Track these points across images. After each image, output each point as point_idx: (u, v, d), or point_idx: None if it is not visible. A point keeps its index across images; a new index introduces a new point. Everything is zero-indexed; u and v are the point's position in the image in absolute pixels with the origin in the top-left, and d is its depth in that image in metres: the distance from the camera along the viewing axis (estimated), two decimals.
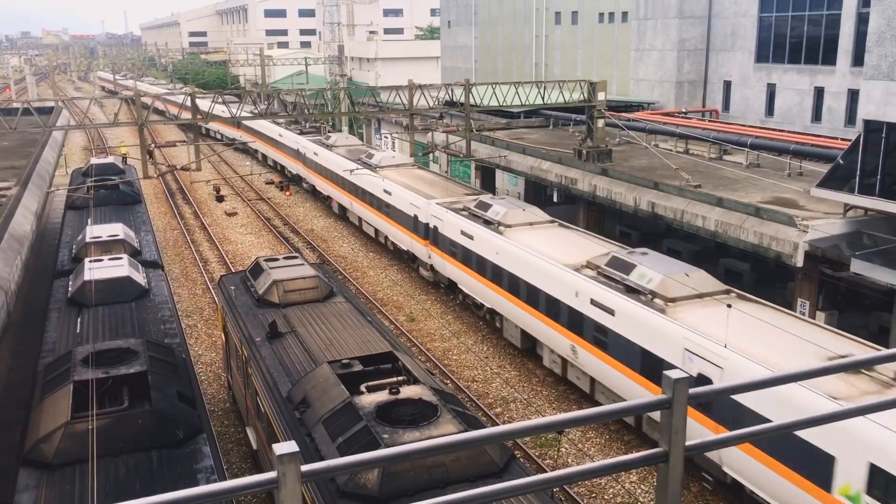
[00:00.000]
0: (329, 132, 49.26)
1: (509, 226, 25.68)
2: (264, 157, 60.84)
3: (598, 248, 22.84)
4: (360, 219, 39.05)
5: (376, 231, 36.60)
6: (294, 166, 50.18)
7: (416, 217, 30.48)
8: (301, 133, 50.18)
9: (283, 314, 17.97)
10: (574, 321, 20.77)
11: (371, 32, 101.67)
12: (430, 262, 30.16)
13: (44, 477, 11.30)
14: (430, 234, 29.32)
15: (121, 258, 20.41)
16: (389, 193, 33.22)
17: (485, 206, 27.21)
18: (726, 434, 3.57)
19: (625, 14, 44.57)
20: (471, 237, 26.24)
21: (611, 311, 19.29)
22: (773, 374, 3.64)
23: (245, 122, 57.49)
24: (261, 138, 57.86)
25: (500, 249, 24.61)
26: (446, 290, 30.06)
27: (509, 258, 24.08)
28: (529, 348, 24.54)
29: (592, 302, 20.05)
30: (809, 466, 13.76)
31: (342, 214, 42.70)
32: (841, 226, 20.48)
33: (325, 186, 43.66)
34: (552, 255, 22.58)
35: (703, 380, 16.00)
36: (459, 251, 27.15)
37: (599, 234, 27.55)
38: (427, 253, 30.04)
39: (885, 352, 3.87)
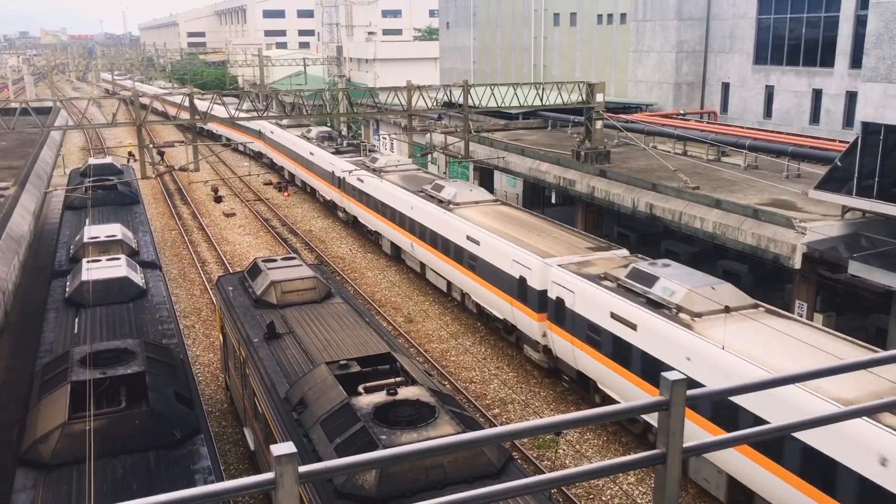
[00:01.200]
0: (371, 150, 42.88)
1: (698, 315, 17.48)
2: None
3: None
4: (422, 264, 31.72)
5: (449, 284, 29.51)
6: (328, 191, 42.37)
7: (522, 280, 23.04)
8: (337, 152, 43.00)
9: (281, 315, 17.96)
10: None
11: (370, 33, 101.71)
12: (548, 343, 22.58)
13: (41, 477, 11.29)
14: (551, 309, 21.96)
15: (119, 258, 20.40)
16: (477, 243, 25.76)
17: (647, 279, 19.18)
18: (724, 435, 3.57)
19: (623, 15, 44.61)
20: (633, 326, 18.51)
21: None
22: (773, 376, 3.63)
23: (266, 135, 55.30)
24: (285, 153, 51.72)
25: (699, 358, 16.49)
26: (571, 383, 22.39)
27: (730, 378, 15.50)
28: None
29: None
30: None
31: (395, 255, 35.13)
32: (839, 228, 20.50)
33: (373, 220, 35.80)
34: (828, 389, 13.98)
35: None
36: (608, 342, 19.37)
37: (597, 235, 27.54)
38: (541, 330, 22.64)
39: (885, 353, 3.87)
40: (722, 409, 15.73)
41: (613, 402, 19.47)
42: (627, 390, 18.94)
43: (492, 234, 25.34)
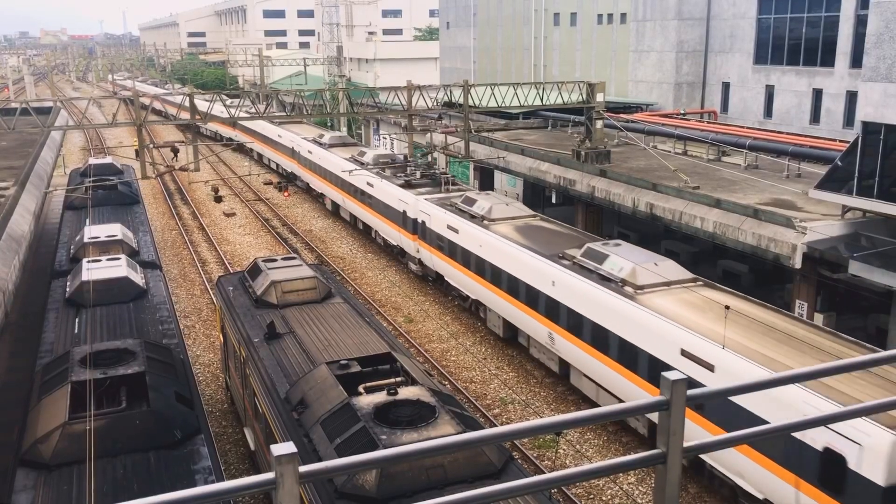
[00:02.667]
0: (451, 182, 32.85)
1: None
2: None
3: None
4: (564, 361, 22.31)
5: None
6: (396, 235, 32.92)
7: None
8: (408, 185, 32.91)
9: (282, 315, 17.96)
10: None
11: (370, 33, 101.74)
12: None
13: (41, 477, 11.29)
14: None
15: (119, 258, 20.40)
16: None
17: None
18: (724, 435, 3.57)
19: (623, 15, 44.60)
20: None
21: None
22: (773, 376, 3.64)
23: (302, 154, 46.97)
24: (328, 179, 42.06)
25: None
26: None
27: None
28: None
29: None
30: None
31: (511, 337, 25.65)
32: (839, 227, 20.49)
33: (490, 296, 25.70)
34: None
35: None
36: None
37: (598, 235, 27.54)
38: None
39: (885, 353, 3.87)
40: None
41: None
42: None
43: None
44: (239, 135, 62.19)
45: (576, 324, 20.80)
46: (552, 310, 21.85)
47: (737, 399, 14.76)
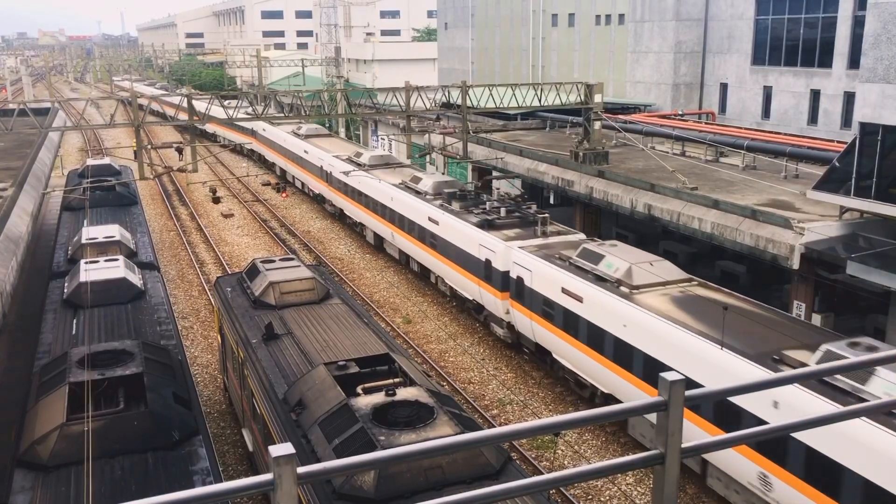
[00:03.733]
0: (567, 234, 25.55)
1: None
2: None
3: None
4: None
5: None
6: (472, 286, 26.48)
7: None
8: (489, 225, 26.04)
9: (280, 316, 17.95)
10: None
11: (368, 34, 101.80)
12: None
13: (39, 478, 11.27)
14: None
15: (117, 259, 20.38)
16: None
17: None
18: (723, 436, 3.57)
19: (621, 16, 44.62)
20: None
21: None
22: (772, 377, 3.64)
23: (334, 175, 40.24)
24: (372, 210, 35.49)
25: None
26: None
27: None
28: None
29: None
30: None
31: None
32: (837, 228, 20.51)
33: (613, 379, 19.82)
34: None
35: None
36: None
37: (596, 236, 27.56)
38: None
39: (886, 353, 3.87)
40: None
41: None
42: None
43: None
44: (258, 146, 58.07)
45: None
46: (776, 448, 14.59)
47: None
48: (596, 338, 19.71)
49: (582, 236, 25.28)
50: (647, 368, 17.93)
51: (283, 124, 52.40)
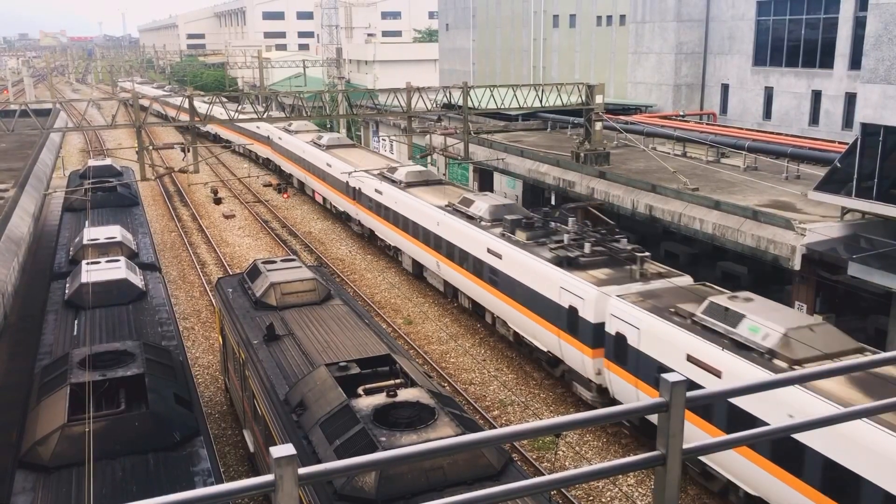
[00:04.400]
0: (670, 276, 20.92)
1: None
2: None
3: None
4: None
5: None
6: (552, 338, 22.03)
7: None
8: (571, 265, 21.66)
9: (281, 316, 17.95)
10: None
11: (369, 35, 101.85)
12: None
13: (40, 479, 11.28)
14: None
15: (118, 260, 20.40)
16: None
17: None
18: (724, 437, 3.57)
19: (622, 17, 44.62)
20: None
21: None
22: (772, 378, 3.63)
23: (364, 193, 35.68)
24: (414, 236, 31.02)
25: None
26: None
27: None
28: None
29: None
30: None
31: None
32: (838, 229, 20.50)
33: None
34: None
35: None
36: None
37: None
38: None
39: (886, 354, 3.87)
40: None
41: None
42: None
43: None
44: (273, 154, 54.55)
45: None
46: None
47: None
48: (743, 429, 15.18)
49: (689, 280, 20.82)
50: (831, 476, 13.69)
51: (301, 133, 49.53)
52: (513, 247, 23.78)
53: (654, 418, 3.38)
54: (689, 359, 16.77)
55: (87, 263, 19.93)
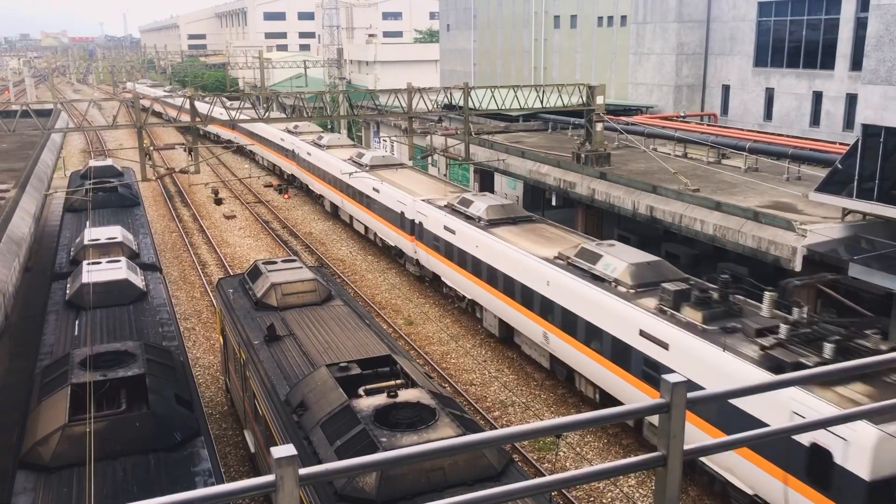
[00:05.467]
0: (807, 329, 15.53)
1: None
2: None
3: None
4: None
5: None
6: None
7: None
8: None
9: (282, 317, 17.95)
10: None
11: (370, 35, 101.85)
12: None
13: (41, 479, 11.28)
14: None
15: (119, 261, 20.41)
16: None
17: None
18: (725, 438, 3.57)
19: (623, 18, 44.62)
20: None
21: None
22: (773, 379, 3.63)
23: (429, 230, 29.22)
24: (494, 284, 25.00)
25: None
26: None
27: None
28: None
29: None
30: None
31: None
32: (839, 230, 20.49)
33: None
34: None
35: None
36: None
37: (597, 237, 27.51)
38: None
39: (887, 355, 3.87)
40: None
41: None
42: None
43: None
44: (299, 171, 48.13)
45: None
46: None
47: None
48: None
49: None
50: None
51: (335, 148, 43.68)
52: (685, 332, 16.81)
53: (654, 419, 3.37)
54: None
55: (88, 264, 19.94)
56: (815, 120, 34.27)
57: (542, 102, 32.09)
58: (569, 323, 20.98)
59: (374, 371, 14.74)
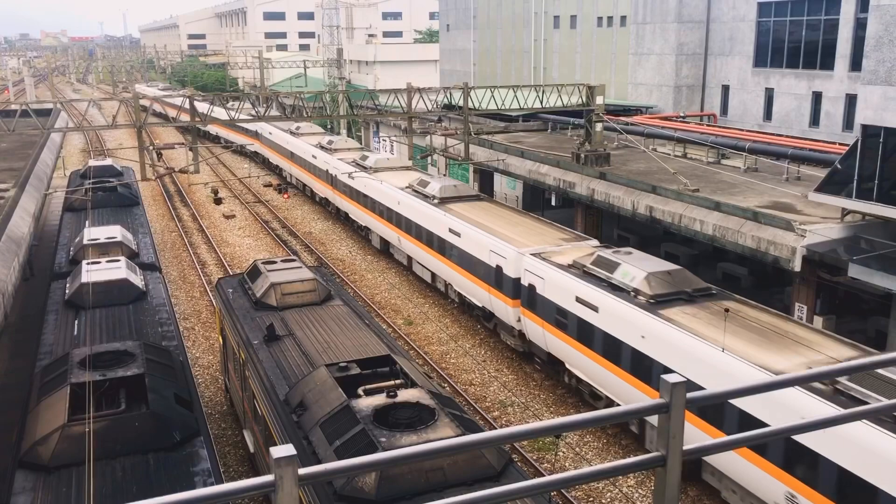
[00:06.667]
0: None
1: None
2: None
3: None
4: None
5: None
6: None
7: None
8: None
9: (281, 317, 17.95)
10: None
11: (370, 35, 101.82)
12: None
13: (40, 479, 11.28)
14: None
15: (118, 260, 20.40)
16: None
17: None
18: (724, 438, 3.57)
19: (623, 18, 44.63)
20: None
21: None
22: (774, 379, 3.63)
23: (509, 274, 23.26)
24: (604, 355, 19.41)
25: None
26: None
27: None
28: None
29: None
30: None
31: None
32: (838, 230, 20.50)
33: None
34: None
35: None
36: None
37: (597, 238, 27.53)
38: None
39: (888, 355, 3.87)
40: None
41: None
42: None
43: None
44: (339, 197, 40.23)
45: None
46: None
47: None
48: None
49: None
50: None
51: (382, 171, 36.55)
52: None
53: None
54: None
55: (88, 263, 19.93)
56: (815, 120, 34.28)
57: (541, 102, 32.09)
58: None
59: (374, 371, 14.73)
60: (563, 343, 21.20)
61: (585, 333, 20.09)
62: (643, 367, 17.81)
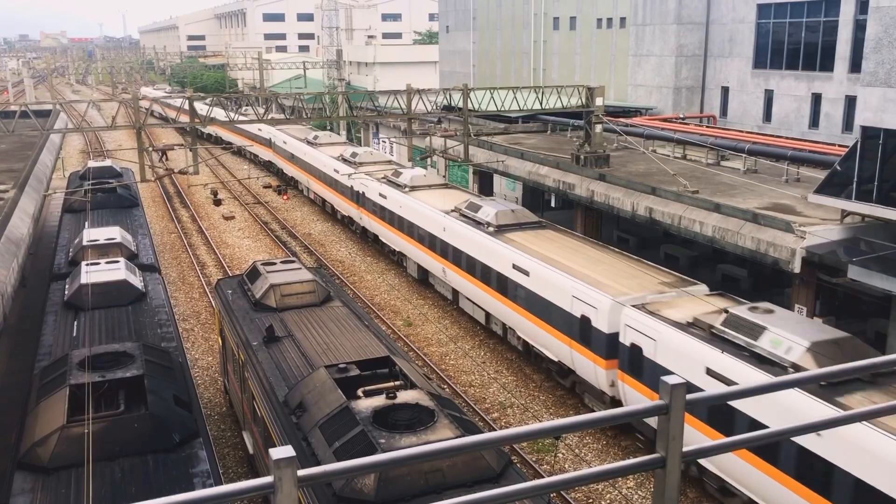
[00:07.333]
0: None
1: None
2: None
3: None
4: None
5: None
6: None
7: None
8: None
9: (280, 318, 17.94)
10: None
11: (369, 37, 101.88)
12: None
13: (39, 481, 11.26)
14: None
15: (118, 261, 20.39)
16: None
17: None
18: (723, 440, 3.56)
19: (623, 20, 44.64)
20: None
21: None
22: (773, 380, 3.63)
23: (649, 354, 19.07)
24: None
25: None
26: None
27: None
28: None
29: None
30: None
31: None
32: (838, 232, 20.50)
33: None
34: None
35: None
36: None
37: (597, 238, 27.53)
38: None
39: (887, 357, 3.87)
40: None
41: None
42: None
43: None
44: (374, 222, 35.65)
45: None
46: None
47: None
48: None
49: None
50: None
51: (421, 189, 33.07)
52: None
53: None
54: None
55: (87, 264, 19.92)
56: (815, 122, 34.29)
57: (541, 104, 32.09)
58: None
59: (373, 372, 14.72)
60: (690, 427, 15.48)
61: (723, 420, 15.61)
62: (815, 471, 13.43)
